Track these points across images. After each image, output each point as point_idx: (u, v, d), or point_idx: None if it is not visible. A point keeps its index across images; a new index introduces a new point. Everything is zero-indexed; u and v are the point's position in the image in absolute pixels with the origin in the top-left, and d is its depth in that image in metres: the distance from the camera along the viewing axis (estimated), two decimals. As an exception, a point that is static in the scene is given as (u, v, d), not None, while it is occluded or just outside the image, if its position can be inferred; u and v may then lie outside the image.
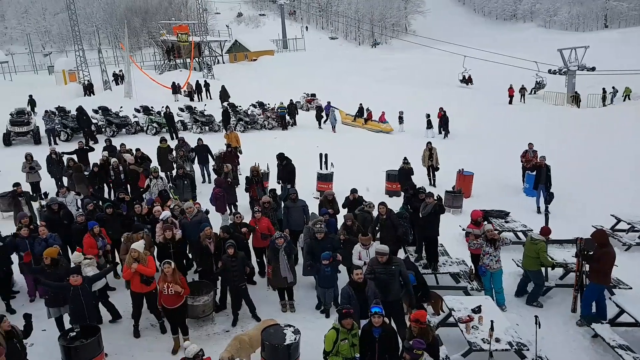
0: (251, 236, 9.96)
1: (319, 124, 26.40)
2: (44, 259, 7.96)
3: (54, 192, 12.90)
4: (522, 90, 34.16)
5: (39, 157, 14.90)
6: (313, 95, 32.81)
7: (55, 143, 21.09)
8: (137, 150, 15.19)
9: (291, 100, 27.38)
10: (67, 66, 40.93)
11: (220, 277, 8.91)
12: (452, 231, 11.38)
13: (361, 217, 9.93)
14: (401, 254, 10.03)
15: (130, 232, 9.28)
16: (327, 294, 8.83)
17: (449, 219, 10.61)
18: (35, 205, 12.49)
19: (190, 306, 8.27)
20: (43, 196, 13.05)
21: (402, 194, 13.37)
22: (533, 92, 35.78)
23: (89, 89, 34.13)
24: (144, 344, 8.13)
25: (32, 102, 27.91)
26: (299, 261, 10.04)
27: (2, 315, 6.20)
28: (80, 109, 22.32)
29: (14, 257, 9.44)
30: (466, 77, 40.17)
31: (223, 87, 32.84)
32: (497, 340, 7.06)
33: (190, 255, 10.12)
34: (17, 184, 12.30)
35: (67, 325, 7.61)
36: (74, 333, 6.98)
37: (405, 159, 14.69)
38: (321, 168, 15.49)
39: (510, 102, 33.21)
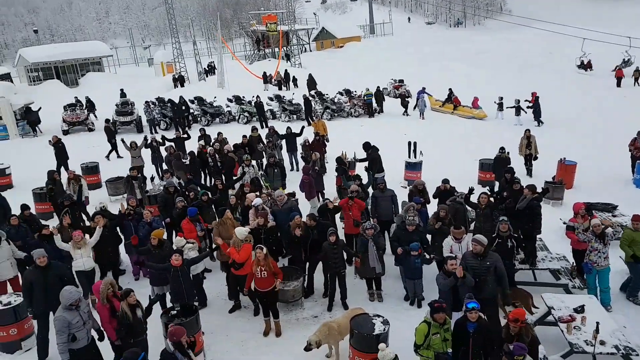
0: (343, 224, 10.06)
1: (405, 111, 25.91)
2: (151, 240, 8.52)
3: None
4: (636, 72, 30.94)
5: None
6: (400, 81, 32.17)
7: (156, 132, 22.58)
8: (244, 137, 15.78)
9: (378, 87, 27.07)
10: (164, 58, 43.41)
11: (308, 263, 9.08)
12: (552, 225, 10.66)
13: (452, 209, 9.56)
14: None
15: (221, 218, 9.68)
16: (417, 285, 8.72)
17: (549, 212, 9.94)
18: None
19: (281, 290, 8.50)
20: (151, 180, 14.02)
21: (497, 183, 12.76)
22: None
23: (179, 81, 35.92)
24: (238, 324, 8.51)
25: (123, 95, 29.92)
26: (386, 251, 9.94)
27: (129, 290, 6.68)
28: (170, 101, 23.81)
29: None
30: (585, 63, 36.16)
31: (310, 75, 33.24)
32: (602, 342, 6.57)
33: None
34: (132, 169, 13.37)
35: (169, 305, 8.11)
36: (175, 312, 7.46)
37: (502, 148, 13.98)
38: (409, 156, 15.18)
39: (618, 85, 30.32)
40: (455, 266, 6.98)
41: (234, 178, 13.46)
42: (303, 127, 17.21)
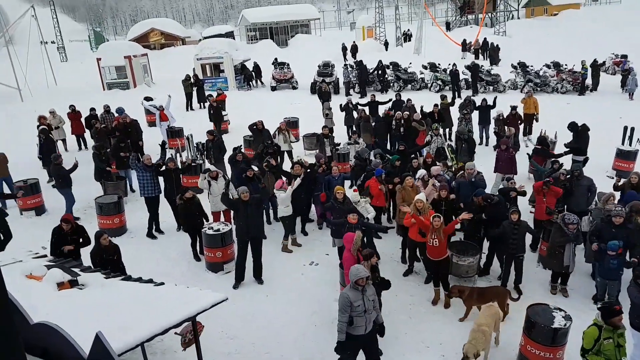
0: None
1: (623, 90, 22.51)
2: (336, 194, 9.12)
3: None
4: None
5: (334, 106, 17.14)
6: (624, 56, 27.84)
7: (350, 94, 23.57)
8: (435, 106, 15.45)
9: (595, 60, 23.89)
10: (366, 22, 44.43)
11: (490, 242, 8.73)
12: None
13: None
14: None
15: (403, 184, 9.83)
16: (610, 286, 7.80)
17: None
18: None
19: (455, 264, 8.45)
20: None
21: None
22: None
23: (352, 51, 35.84)
24: (408, 288, 8.69)
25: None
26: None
27: (372, 252, 6.93)
28: (359, 63, 24.68)
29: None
30: None
31: (492, 44, 30.96)
32: None
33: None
34: (324, 127, 14.40)
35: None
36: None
37: None
38: (623, 143, 13.28)
39: None
40: None
41: (416, 146, 13.41)
42: (495, 98, 16.11)
